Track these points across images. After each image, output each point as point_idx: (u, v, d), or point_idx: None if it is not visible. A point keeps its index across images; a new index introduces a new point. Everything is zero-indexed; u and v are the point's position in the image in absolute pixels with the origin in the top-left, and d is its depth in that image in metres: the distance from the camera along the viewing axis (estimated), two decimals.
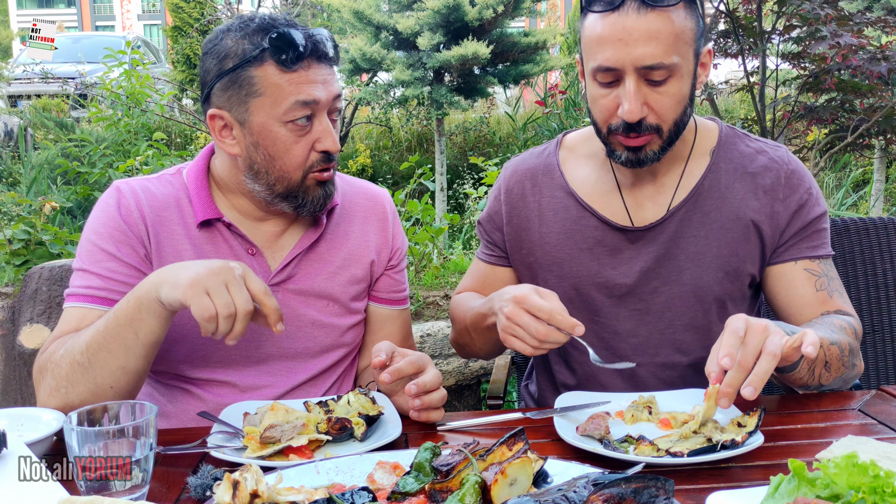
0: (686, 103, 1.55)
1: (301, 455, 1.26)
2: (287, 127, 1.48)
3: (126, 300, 1.39)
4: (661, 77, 1.48)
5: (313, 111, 1.49)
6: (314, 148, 1.51)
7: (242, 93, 1.48)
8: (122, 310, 1.39)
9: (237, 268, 1.34)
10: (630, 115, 1.49)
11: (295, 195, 1.55)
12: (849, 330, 1.56)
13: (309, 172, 1.53)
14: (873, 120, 4.22)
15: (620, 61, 1.47)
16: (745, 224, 1.65)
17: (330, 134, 1.51)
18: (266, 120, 1.48)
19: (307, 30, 1.49)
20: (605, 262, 1.68)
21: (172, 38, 12.39)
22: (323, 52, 1.48)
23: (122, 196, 1.59)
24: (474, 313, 1.64)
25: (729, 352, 1.25)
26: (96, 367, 1.39)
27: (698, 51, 1.54)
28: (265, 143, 1.50)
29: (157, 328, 1.39)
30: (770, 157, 1.69)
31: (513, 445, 1.14)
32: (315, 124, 1.51)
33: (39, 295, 2.99)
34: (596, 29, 1.49)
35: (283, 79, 1.46)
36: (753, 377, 1.22)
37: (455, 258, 4.09)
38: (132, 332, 1.38)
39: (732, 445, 1.21)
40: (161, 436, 1.38)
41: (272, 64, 1.46)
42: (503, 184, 1.82)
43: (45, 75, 10.29)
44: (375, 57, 7.88)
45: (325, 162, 1.53)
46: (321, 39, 1.48)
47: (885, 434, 1.34)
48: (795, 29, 4.25)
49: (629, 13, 1.45)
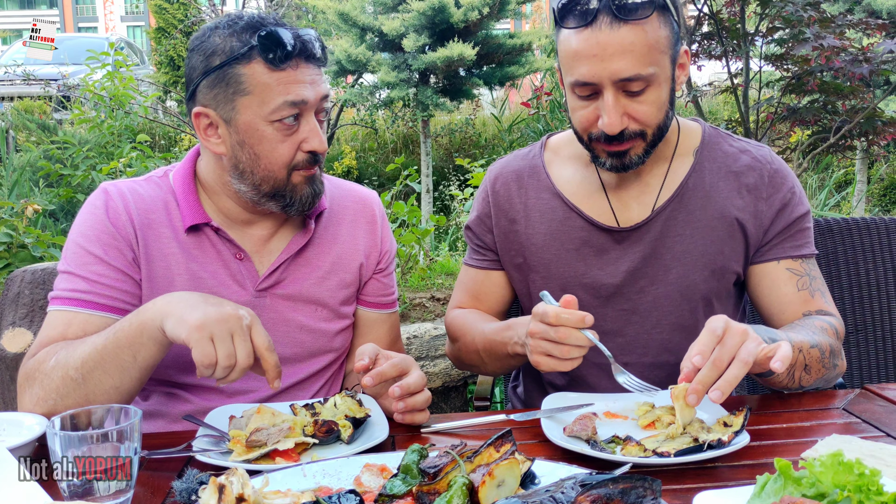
0: (667, 108, 1.56)
1: (287, 458, 1.25)
2: (274, 126, 1.48)
3: (128, 321, 1.36)
4: (639, 88, 1.49)
5: (301, 111, 1.48)
6: (301, 148, 1.51)
7: (229, 91, 1.47)
8: (122, 331, 1.36)
9: (245, 316, 1.31)
10: (610, 128, 1.51)
11: (282, 194, 1.53)
12: (830, 331, 1.58)
13: (294, 170, 1.52)
14: (855, 121, 4.26)
15: (597, 76, 1.48)
16: (729, 222, 1.66)
17: (317, 134, 1.51)
18: (253, 118, 1.47)
19: (296, 29, 1.48)
20: (591, 262, 1.69)
21: (156, 40, 12.32)
22: (311, 52, 1.48)
23: (110, 198, 1.57)
24: (489, 339, 1.64)
25: (702, 350, 1.27)
26: (90, 384, 1.37)
27: (675, 55, 1.55)
28: (251, 141, 1.49)
29: (156, 353, 1.37)
30: (753, 156, 1.70)
31: (500, 447, 1.14)
32: (302, 124, 1.50)
33: (22, 298, 2.97)
34: (571, 44, 1.50)
35: (271, 78, 1.45)
36: (723, 382, 1.24)
37: (441, 259, 4.09)
38: (130, 355, 1.35)
39: (719, 445, 1.21)
40: (146, 439, 1.37)
41: (260, 62, 1.45)
42: (489, 186, 1.82)
43: (27, 77, 10.20)
44: (361, 59, 7.88)
45: (311, 162, 1.53)
46: (309, 39, 1.48)
47: (869, 433, 1.35)
48: (778, 31, 4.29)
49: (602, 28, 1.46)
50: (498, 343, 1.60)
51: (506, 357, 1.60)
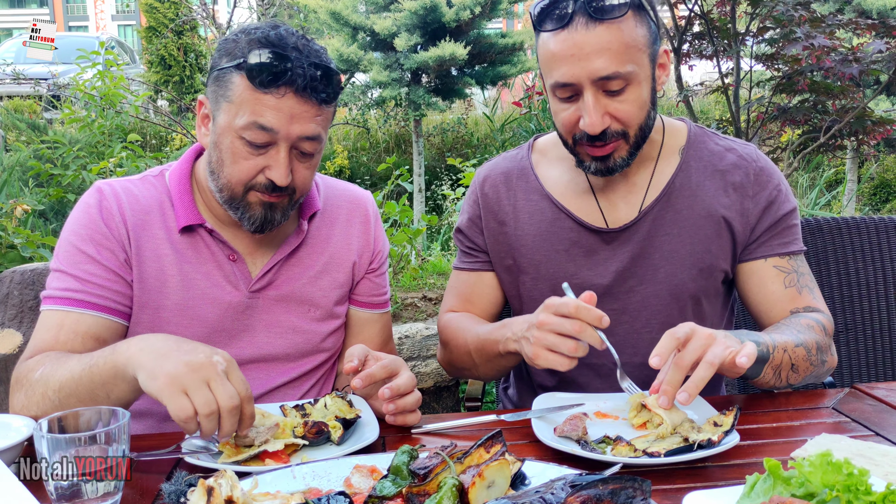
0: (648, 107, 1.57)
1: (277, 459, 1.25)
2: (241, 141, 1.46)
3: (103, 359, 1.31)
4: (619, 87, 1.50)
5: (272, 140, 1.45)
6: (263, 171, 1.47)
7: (220, 92, 1.49)
8: (97, 367, 1.32)
9: (221, 362, 1.21)
10: (591, 127, 1.52)
11: (236, 206, 1.52)
12: (817, 328, 1.58)
13: (251, 189, 1.49)
14: (845, 121, 4.28)
15: (576, 76, 1.49)
16: (716, 221, 1.66)
17: (282, 168, 1.45)
18: (227, 125, 1.47)
19: (301, 54, 1.43)
20: (581, 263, 1.69)
21: (147, 39, 12.25)
22: (302, 87, 1.42)
23: (104, 197, 1.56)
24: (481, 340, 1.62)
25: (659, 352, 1.28)
26: (66, 408, 1.34)
27: (654, 55, 1.56)
28: (220, 145, 1.49)
29: (129, 394, 1.32)
30: (739, 154, 1.71)
31: (490, 448, 1.14)
32: (272, 152, 1.46)
33: (11, 299, 2.95)
34: (549, 47, 1.52)
35: (251, 95, 1.43)
36: (689, 384, 1.26)
37: (433, 259, 4.08)
38: (104, 392, 1.33)
39: (709, 445, 1.22)
40: (134, 441, 1.36)
41: (245, 77, 1.44)
42: (478, 188, 1.82)
43: (17, 76, 10.14)
44: (352, 58, 7.86)
45: (269, 189, 1.48)
46: (307, 75, 1.42)
47: (858, 432, 1.36)
48: (769, 31, 4.30)
49: (578, 28, 1.48)
50: (490, 342, 1.59)
51: (497, 357, 1.59)
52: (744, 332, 1.46)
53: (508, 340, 1.51)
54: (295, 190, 1.52)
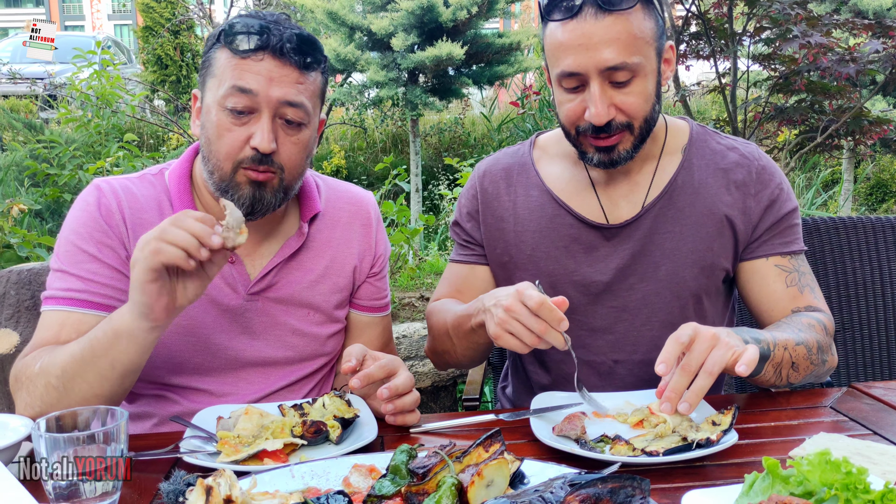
0: (653, 101, 1.58)
1: (276, 459, 1.25)
2: (225, 112, 1.46)
3: (101, 330, 1.34)
4: (625, 78, 1.51)
5: (254, 105, 1.45)
6: (248, 142, 1.46)
7: (205, 72, 1.51)
8: (97, 340, 1.34)
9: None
10: (597, 118, 1.52)
11: (226, 188, 1.49)
12: (818, 327, 1.59)
13: (239, 167, 1.47)
14: (842, 121, 4.29)
15: (583, 66, 1.50)
16: (718, 219, 1.67)
17: (265, 132, 1.44)
18: (211, 101, 1.48)
19: (281, 26, 1.46)
20: (581, 259, 1.69)
21: (143, 39, 12.23)
22: (279, 49, 1.44)
23: (103, 195, 1.55)
24: (457, 315, 1.61)
25: (665, 359, 1.28)
26: (72, 393, 1.36)
27: (660, 49, 1.57)
28: (208, 124, 1.49)
29: (135, 356, 1.34)
30: (741, 153, 1.71)
31: (489, 447, 1.14)
32: (254, 120, 1.46)
33: (7, 299, 2.94)
34: (557, 36, 1.52)
35: (231, 62, 1.45)
36: (689, 394, 1.26)
37: (430, 259, 4.08)
38: (108, 363, 1.33)
39: (707, 444, 1.22)
40: (132, 441, 1.36)
41: (226, 48, 1.46)
42: (477, 183, 1.81)
43: (13, 76, 10.12)
44: (349, 58, 7.86)
45: (256, 161, 1.46)
46: (284, 37, 1.44)
47: (856, 431, 1.36)
48: (766, 31, 4.31)
49: (587, 18, 1.48)
50: (464, 317, 1.57)
51: (470, 332, 1.57)
52: (745, 329, 1.46)
53: (479, 312, 1.50)
54: (283, 168, 1.49)
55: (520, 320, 1.36)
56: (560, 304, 1.36)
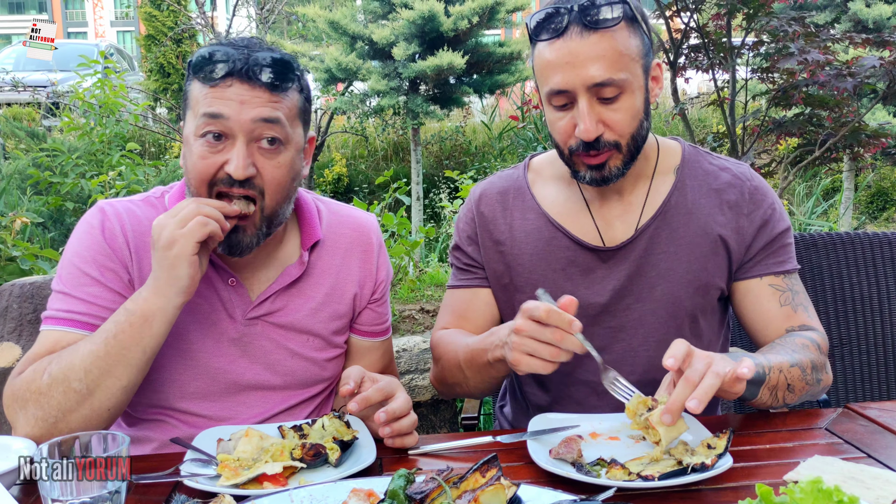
0: (641, 117, 1.60)
1: (275, 482, 1.26)
2: (200, 140, 1.46)
3: (126, 321, 1.39)
4: (612, 94, 1.53)
5: (226, 130, 1.44)
6: (223, 168, 1.45)
7: (184, 106, 1.52)
8: (122, 332, 1.39)
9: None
10: (586, 134, 1.54)
11: None
12: (812, 346, 1.60)
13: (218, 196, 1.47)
14: (840, 135, 4.30)
15: (570, 83, 1.53)
16: (712, 239, 1.68)
17: (239, 158, 1.43)
18: (189, 133, 1.49)
19: (250, 50, 1.45)
20: (578, 281, 1.70)
21: (146, 47, 12.29)
22: (247, 73, 1.43)
23: (107, 218, 1.56)
24: (471, 350, 1.61)
25: (673, 354, 1.29)
26: (99, 392, 1.38)
27: (647, 66, 1.59)
28: (187, 156, 1.50)
29: (163, 336, 1.43)
30: (733, 173, 1.73)
31: (486, 472, 1.15)
32: (229, 145, 1.45)
33: (10, 312, 2.95)
34: (545, 56, 1.56)
35: (202, 92, 1.46)
36: (699, 391, 1.25)
37: (431, 271, 4.10)
38: (139, 350, 1.40)
39: (703, 469, 1.23)
40: (134, 462, 1.36)
41: (196, 78, 1.47)
42: (474, 207, 1.82)
43: (16, 84, 10.15)
44: (351, 67, 7.89)
45: (227, 185, 1.45)
46: (250, 61, 1.44)
47: (850, 453, 1.37)
48: (764, 45, 4.33)
49: (573, 37, 1.52)
50: (479, 352, 1.57)
51: (486, 366, 1.56)
52: (740, 352, 1.48)
53: (496, 347, 1.50)
54: (263, 191, 1.47)
55: (533, 336, 1.36)
56: (568, 305, 1.36)
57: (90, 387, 1.37)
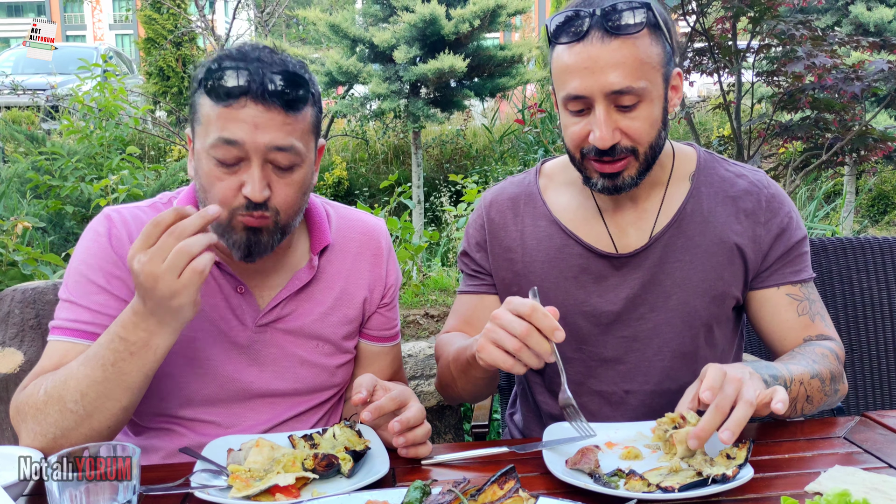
0: (659, 127, 1.56)
1: (288, 494, 1.24)
2: (213, 162, 1.42)
3: (123, 347, 1.32)
4: (631, 102, 1.50)
5: (241, 154, 1.40)
6: (240, 190, 1.42)
7: (193, 117, 1.47)
8: (121, 358, 1.32)
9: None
10: (601, 141, 1.51)
11: (222, 232, 1.45)
12: (830, 356, 1.58)
13: (235, 214, 1.44)
14: (847, 139, 4.29)
15: (589, 89, 1.49)
16: (729, 248, 1.66)
17: (255, 182, 1.40)
18: (200, 149, 1.44)
19: (263, 64, 1.40)
20: (591, 289, 1.68)
21: (145, 51, 12.27)
22: (261, 93, 1.38)
23: (113, 225, 1.54)
24: (458, 349, 1.59)
25: (711, 385, 1.27)
26: (97, 414, 1.35)
27: (667, 75, 1.56)
28: (200, 171, 1.46)
29: (164, 356, 1.36)
30: (750, 180, 1.71)
31: (504, 484, 1.13)
32: (244, 168, 1.41)
33: (12, 318, 2.93)
34: (564, 59, 1.52)
35: (213, 111, 1.40)
36: (731, 422, 1.24)
37: (434, 275, 4.07)
38: (137, 370, 1.34)
39: (724, 480, 1.21)
40: (142, 472, 1.34)
41: (205, 93, 1.41)
42: (484, 213, 1.79)
43: (15, 87, 10.14)
44: (351, 70, 7.87)
45: (250, 208, 1.42)
46: (265, 81, 1.38)
47: (870, 463, 1.35)
48: (771, 48, 4.32)
49: (594, 42, 1.48)
50: (463, 349, 1.55)
51: (467, 365, 1.53)
52: (763, 364, 1.45)
53: (475, 342, 1.45)
54: (278, 211, 1.45)
55: (503, 326, 1.32)
56: (552, 314, 1.31)
57: (88, 409, 1.35)
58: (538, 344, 1.30)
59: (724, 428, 1.23)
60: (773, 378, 1.40)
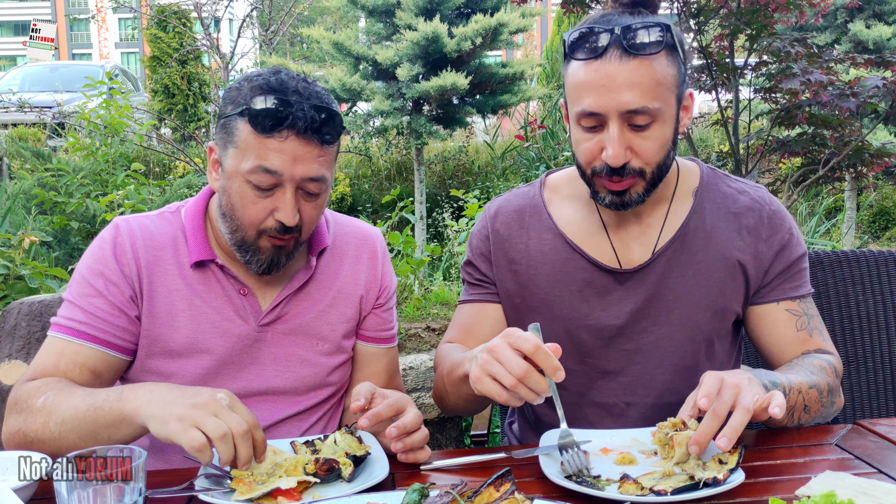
0: (669, 147, 1.58)
1: (289, 497, 1.27)
2: (248, 185, 1.50)
3: (109, 405, 1.35)
4: (644, 122, 1.51)
5: (278, 182, 1.49)
6: (273, 214, 1.52)
7: (227, 138, 1.53)
8: (102, 412, 1.36)
9: (224, 398, 1.28)
10: (614, 160, 1.52)
11: (246, 248, 1.56)
12: (829, 369, 1.60)
13: (263, 234, 1.54)
14: (843, 154, 4.32)
15: (604, 107, 1.50)
16: (731, 264, 1.67)
17: (289, 208, 1.50)
18: (234, 170, 1.52)
19: (302, 97, 1.48)
20: (595, 303, 1.69)
21: (151, 68, 12.38)
22: (303, 129, 1.47)
23: (119, 234, 1.62)
24: (452, 363, 1.60)
25: (708, 391, 1.29)
26: (64, 440, 1.40)
27: (680, 96, 1.57)
28: (230, 190, 1.54)
29: (132, 438, 1.37)
30: (752, 197, 1.73)
31: (500, 486, 1.16)
32: (278, 193, 1.51)
33: (18, 331, 2.96)
34: (579, 75, 1.53)
35: (255, 140, 1.48)
36: (728, 429, 1.27)
37: (436, 289, 4.10)
38: (106, 435, 1.37)
39: (715, 483, 1.23)
40: (146, 477, 1.37)
41: (248, 123, 1.49)
42: (489, 223, 1.80)
43: (22, 104, 10.23)
44: (355, 87, 7.94)
45: (281, 231, 1.53)
46: (308, 117, 1.47)
47: (861, 469, 1.37)
48: (767, 65, 4.37)
49: (612, 60, 1.48)
50: (456, 365, 1.55)
51: (459, 381, 1.52)
52: (763, 372, 1.48)
53: (467, 361, 1.43)
54: (301, 230, 1.56)
55: (501, 361, 1.30)
56: (555, 351, 1.31)
57: (61, 435, 1.40)
58: (537, 383, 1.30)
59: (721, 434, 1.26)
60: (773, 384, 1.43)
